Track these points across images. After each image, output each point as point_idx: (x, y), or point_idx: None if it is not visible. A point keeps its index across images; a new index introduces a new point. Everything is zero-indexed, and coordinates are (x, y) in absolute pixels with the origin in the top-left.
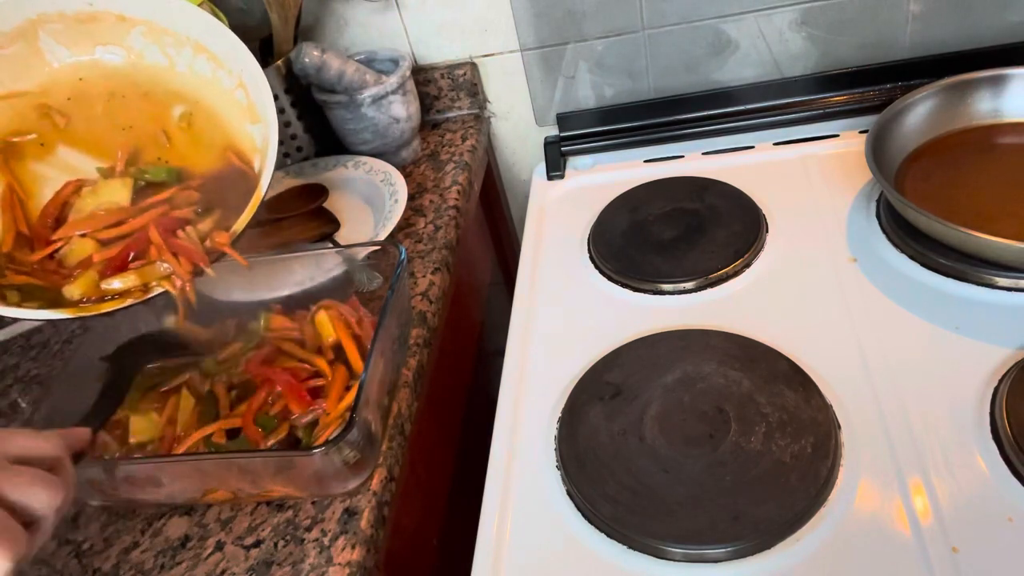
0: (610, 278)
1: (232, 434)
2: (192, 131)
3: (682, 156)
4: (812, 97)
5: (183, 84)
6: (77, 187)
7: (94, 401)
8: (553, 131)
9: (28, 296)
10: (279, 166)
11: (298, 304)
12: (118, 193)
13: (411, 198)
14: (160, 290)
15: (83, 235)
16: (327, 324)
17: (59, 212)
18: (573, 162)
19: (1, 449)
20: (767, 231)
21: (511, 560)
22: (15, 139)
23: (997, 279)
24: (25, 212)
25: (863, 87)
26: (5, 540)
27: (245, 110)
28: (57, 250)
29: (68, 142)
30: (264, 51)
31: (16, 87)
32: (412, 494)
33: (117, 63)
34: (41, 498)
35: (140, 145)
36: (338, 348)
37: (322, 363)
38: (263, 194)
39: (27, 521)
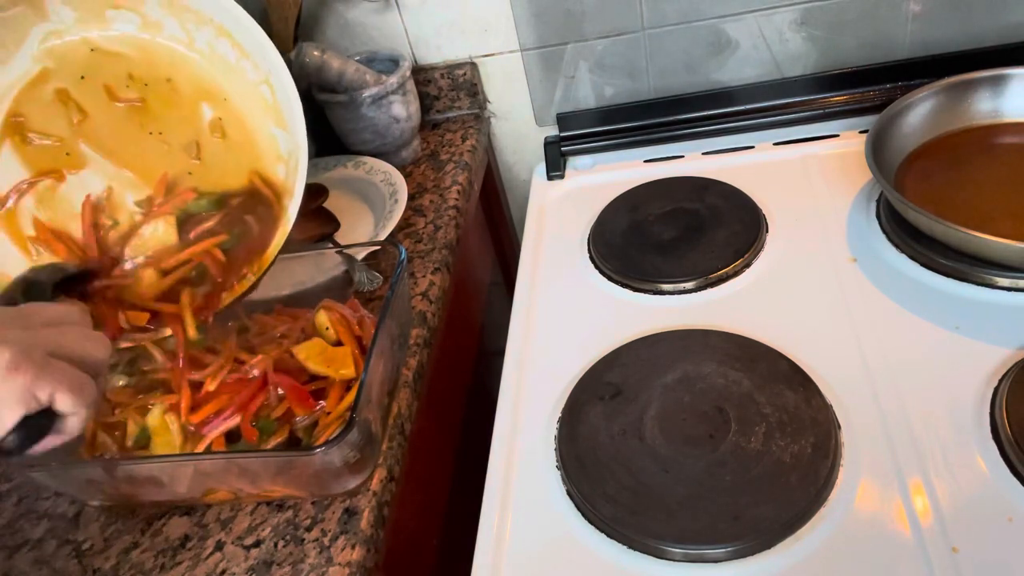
0: (610, 278)
1: (233, 438)
2: (225, 143)
3: (682, 156)
4: (812, 97)
5: (204, 71)
6: (94, 205)
7: None
8: (553, 131)
9: None
10: None
11: (298, 304)
12: (164, 235)
13: (411, 198)
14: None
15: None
16: (327, 324)
17: (97, 237)
18: (573, 162)
19: (36, 316)
20: (767, 231)
21: (511, 560)
22: (38, 139)
23: (997, 279)
24: (72, 241)
25: (863, 87)
26: (80, 386)
27: (270, 109)
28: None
29: (94, 147)
30: None
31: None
32: (412, 494)
33: (132, 33)
34: (94, 347)
35: (172, 159)
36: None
37: None
38: (289, 227)
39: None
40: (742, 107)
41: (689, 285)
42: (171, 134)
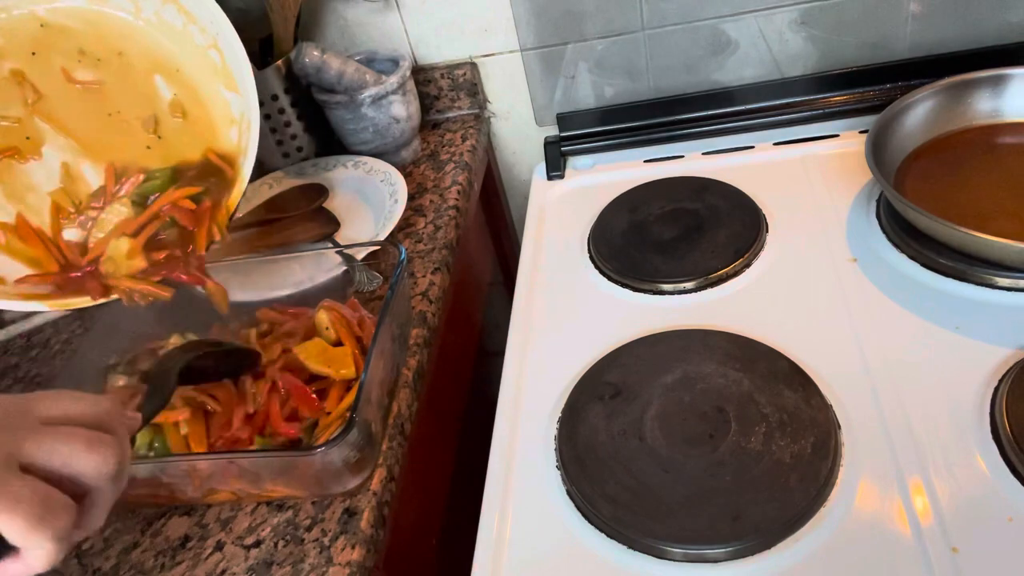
0: (610, 278)
1: None
2: (184, 121)
3: (682, 156)
4: (812, 97)
5: (154, 41)
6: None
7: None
8: (553, 131)
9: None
10: (279, 166)
11: (298, 304)
12: (123, 215)
13: (411, 198)
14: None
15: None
16: (327, 324)
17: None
18: (573, 162)
19: (41, 411)
20: (767, 231)
21: (511, 560)
22: None
23: (997, 279)
24: (46, 238)
25: (863, 87)
26: (43, 514)
27: (219, 72)
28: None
29: (52, 125)
30: (264, 51)
31: None
32: (412, 494)
33: (80, 6)
34: (88, 462)
35: (130, 136)
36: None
37: None
38: (244, 186)
39: (77, 493)
40: (742, 107)
41: (689, 285)
42: (129, 111)
